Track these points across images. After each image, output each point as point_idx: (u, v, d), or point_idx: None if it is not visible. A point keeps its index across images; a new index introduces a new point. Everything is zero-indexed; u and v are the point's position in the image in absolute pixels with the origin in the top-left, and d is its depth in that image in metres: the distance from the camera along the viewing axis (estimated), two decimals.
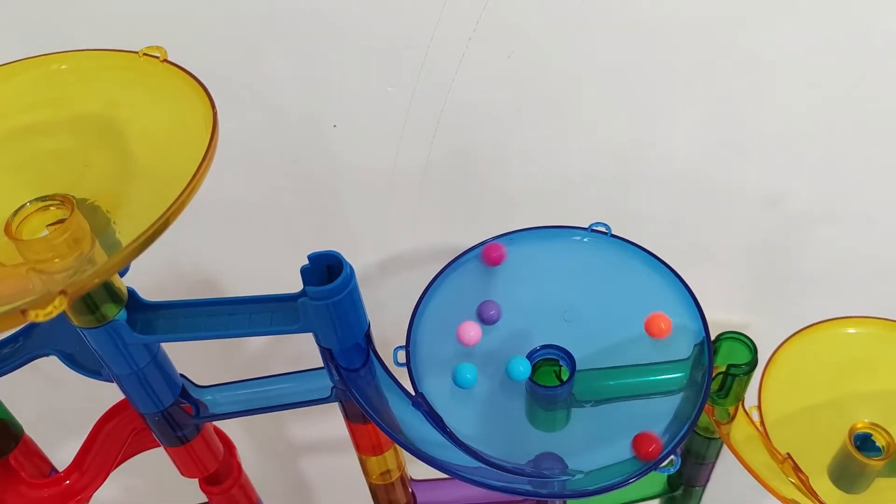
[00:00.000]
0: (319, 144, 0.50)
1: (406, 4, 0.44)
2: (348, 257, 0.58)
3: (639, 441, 0.39)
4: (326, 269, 0.37)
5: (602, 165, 0.53)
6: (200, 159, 0.28)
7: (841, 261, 0.61)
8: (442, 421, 0.40)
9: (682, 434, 0.39)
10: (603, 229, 0.46)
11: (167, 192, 0.29)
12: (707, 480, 0.55)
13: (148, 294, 0.37)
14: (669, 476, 0.56)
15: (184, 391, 0.42)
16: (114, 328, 0.35)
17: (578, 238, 0.46)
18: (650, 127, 0.53)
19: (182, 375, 0.42)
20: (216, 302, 0.38)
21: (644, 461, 0.39)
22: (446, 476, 0.54)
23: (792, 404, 0.52)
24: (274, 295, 0.37)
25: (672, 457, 0.38)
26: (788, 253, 0.60)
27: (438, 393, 0.43)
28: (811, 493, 0.46)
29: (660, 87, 0.51)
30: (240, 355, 0.65)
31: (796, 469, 0.46)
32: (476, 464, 0.42)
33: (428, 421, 0.40)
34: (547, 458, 0.44)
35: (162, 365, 0.39)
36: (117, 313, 0.35)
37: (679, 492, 0.56)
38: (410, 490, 0.53)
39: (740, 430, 0.48)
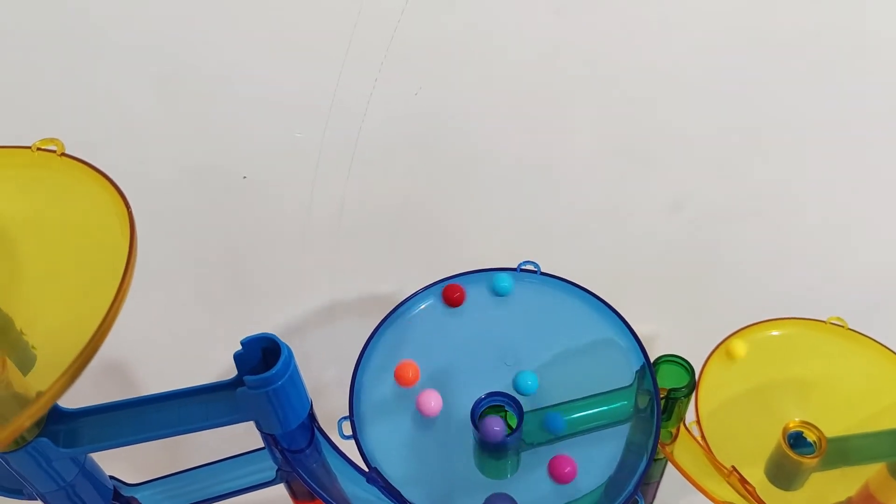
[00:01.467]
0: (231, 197, 0.48)
1: (309, 50, 0.43)
2: (271, 314, 0.56)
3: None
4: (261, 353, 0.35)
5: (516, 196, 0.53)
6: (123, 268, 0.26)
7: (745, 261, 0.63)
8: (400, 495, 0.39)
9: (644, 466, 0.39)
10: (532, 268, 0.46)
11: (88, 303, 0.27)
12: (653, 498, 0.56)
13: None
14: None
15: (116, 494, 0.39)
16: (36, 448, 0.32)
17: (509, 279, 0.46)
18: (551, 146, 0.53)
19: (112, 477, 0.39)
20: (144, 401, 0.35)
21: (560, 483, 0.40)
22: None
23: (728, 413, 0.53)
24: (207, 385, 0.35)
25: (636, 498, 0.38)
26: (694, 258, 0.62)
27: (381, 450, 0.42)
28: (760, 502, 0.47)
29: (556, 105, 0.51)
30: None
31: (743, 481, 0.47)
32: None
33: (386, 496, 0.39)
34: (499, 499, 0.43)
35: (91, 474, 0.37)
36: (38, 432, 0.32)
37: None
38: None
39: (684, 448, 0.49)
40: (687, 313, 0.63)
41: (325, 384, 0.49)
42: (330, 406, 0.43)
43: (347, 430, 0.41)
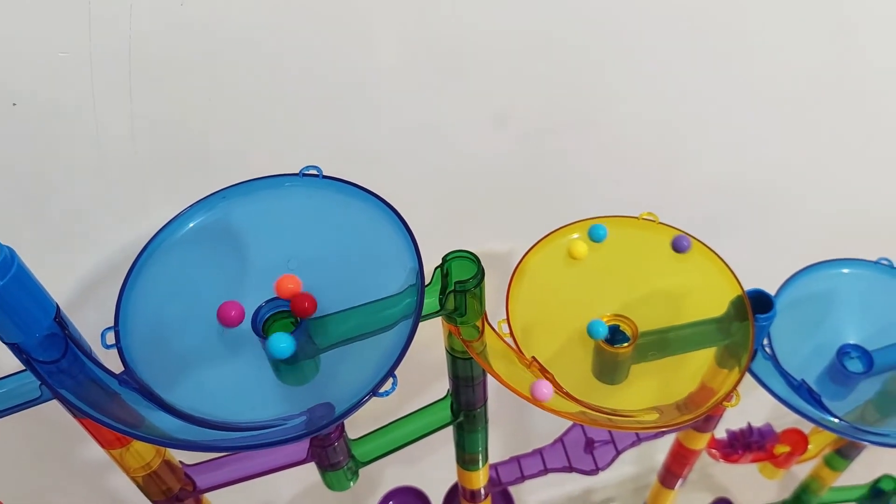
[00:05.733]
0: (6, 127, 0.46)
1: None
2: (80, 252, 0.55)
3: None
4: None
5: (310, 103, 0.52)
6: None
7: (573, 170, 0.64)
8: (159, 398, 0.38)
9: (396, 358, 0.39)
10: (314, 172, 0.45)
11: None
12: (485, 400, 0.56)
13: None
14: (451, 405, 0.57)
15: None
16: None
17: (290, 185, 0.45)
18: (355, 54, 0.52)
19: None
20: None
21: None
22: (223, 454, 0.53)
23: (541, 313, 0.54)
24: None
25: (389, 380, 0.39)
26: (526, 169, 0.62)
27: (191, 381, 0.42)
28: (559, 389, 0.48)
29: (359, 13, 0.50)
30: None
31: (543, 370, 0.48)
32: (233, 434, 0.41)
33: (145, 399, 0.38)
34: (315, 409, 0.43)
35: None
36: None
37: (462, 418, 0.57)
38: (185, 475, 0.52)
39: (490, 345, 0.49)
40: (523, 228, 0.63)
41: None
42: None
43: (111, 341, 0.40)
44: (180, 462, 0.51)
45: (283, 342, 0.40)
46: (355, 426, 0.54)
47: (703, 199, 0.70)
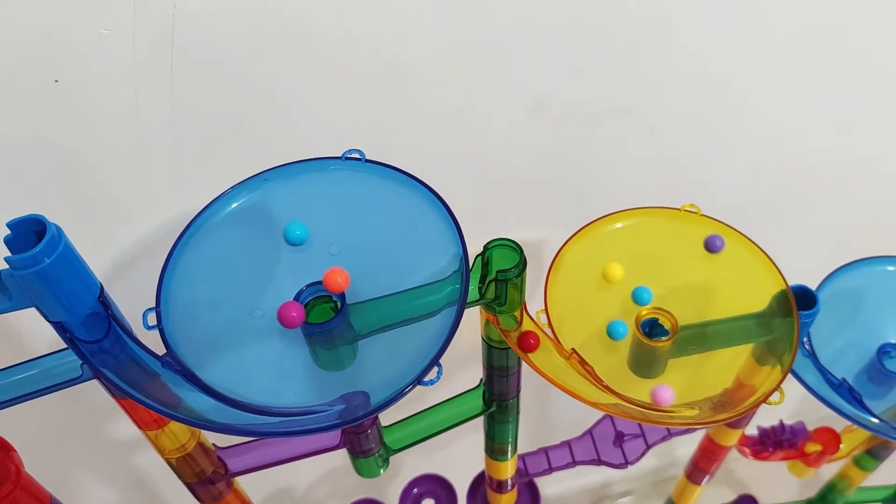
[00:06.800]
0: (48, 103, 0.46)
1: None
2: (119, 231, 0.55)
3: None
4: (35, 236, 0.34)
5: (351, 88, 0.52)
6: None
7: (611, 159, 0.63)
8: (198, 378, 0.38)
9: (441, 346, 0.38)
10: (357, 156, 0.45)
11: None
12: (518, 391, 0.56)
13: None
14: (484, 394, 0.57)
15: None
16: None
17: (334, 168, 0.45)
18: (395, 39, 0.51)
19: None
20: None
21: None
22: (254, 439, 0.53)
23: (577, 302, 0.53)
24: None
25: (434, 368, 0.38)
26: (563, 157, 0.61)
27: (228, 363, 0.41)
28: (598, 382, 0.47)
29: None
30: None
31: (582, 363, 0.47)
32: (271, 419, 0.40)
33: (186, 381, 0.38)
34: (352, 397, 0.43)
35: None
36: None
37: (494, 408, 0.56)
38: (218, 458, 0.51)
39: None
40: (558, 216, 0.62)
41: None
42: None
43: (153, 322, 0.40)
44: (213, 445, 0.51)
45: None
46: (386, 413, 0.54)
47: (742, 193, 0.69)
